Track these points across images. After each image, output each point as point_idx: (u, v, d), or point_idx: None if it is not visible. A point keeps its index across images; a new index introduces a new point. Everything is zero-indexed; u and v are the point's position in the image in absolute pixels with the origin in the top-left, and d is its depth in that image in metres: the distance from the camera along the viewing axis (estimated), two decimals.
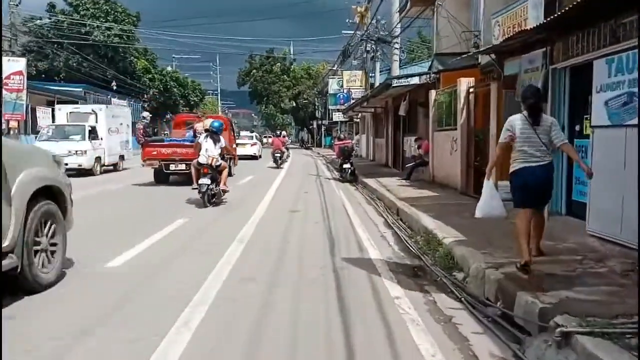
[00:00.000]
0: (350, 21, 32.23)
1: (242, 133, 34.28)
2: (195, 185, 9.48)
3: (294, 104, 54.40)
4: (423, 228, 6.88)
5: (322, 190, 12.81)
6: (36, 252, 4.25)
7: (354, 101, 26.15)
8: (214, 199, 9.58)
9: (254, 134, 33.76)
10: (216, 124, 9.90)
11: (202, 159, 9.47)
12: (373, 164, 22.13)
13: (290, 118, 65.81)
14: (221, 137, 9.84)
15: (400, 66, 23.30)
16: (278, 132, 28.83)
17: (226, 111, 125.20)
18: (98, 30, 40.64)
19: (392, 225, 7.89)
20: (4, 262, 3.75)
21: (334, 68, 35.30)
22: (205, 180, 9.24)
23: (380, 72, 28.44)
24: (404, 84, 13.25)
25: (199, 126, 12.29)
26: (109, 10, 41.29)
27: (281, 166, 20.61)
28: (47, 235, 4.45)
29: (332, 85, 35.38)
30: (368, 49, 28.29)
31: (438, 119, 12.24)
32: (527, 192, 4.47)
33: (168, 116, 57.95)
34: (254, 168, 20.65)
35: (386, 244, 6.64)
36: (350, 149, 15.71)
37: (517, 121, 4.49)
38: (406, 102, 15.48)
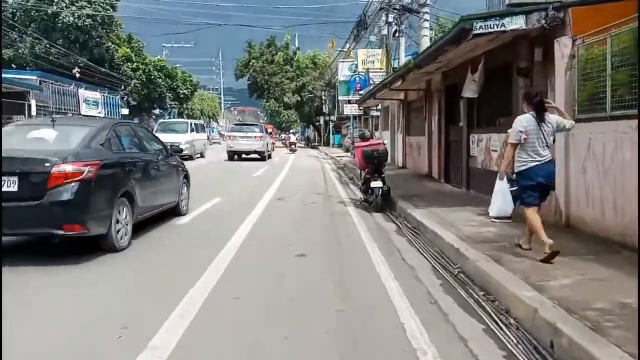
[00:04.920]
0: None
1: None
2: (289, 148, 35.69)
3: (298, 98, 47.79)
4: None
5: (336, 244, 6.36)
6: None
7: (373, 86, 19.52)
8: (295, 152, 33.74)
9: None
10: (292, 130, 55.60)
11: (291, 140, 37.40)
12: (406, 173, 15.50)
13: (295, 114, 58.96)
14: (295, 133, 49.47)
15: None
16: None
17: (232, 109, 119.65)
18: (68, 9, 34.39)
19: None
20: None
21: (345, 49, 28.53)
22: (292, 147, 35.85)
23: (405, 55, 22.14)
24: (495, 29, 6.76)
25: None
26: None
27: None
28: None
29: (343, 71, 28.63)
30: (390, 20, 21.92)
31: (589, 95, 5.71)
32: (538, 189, 4.72)
33: (157, 111, 51.47)
34: (240, 176, 14.25)
35: None
36: (382, 154, 9.19)
37: (527, 121, 4.69)
38: (480, 73, 8.93)
